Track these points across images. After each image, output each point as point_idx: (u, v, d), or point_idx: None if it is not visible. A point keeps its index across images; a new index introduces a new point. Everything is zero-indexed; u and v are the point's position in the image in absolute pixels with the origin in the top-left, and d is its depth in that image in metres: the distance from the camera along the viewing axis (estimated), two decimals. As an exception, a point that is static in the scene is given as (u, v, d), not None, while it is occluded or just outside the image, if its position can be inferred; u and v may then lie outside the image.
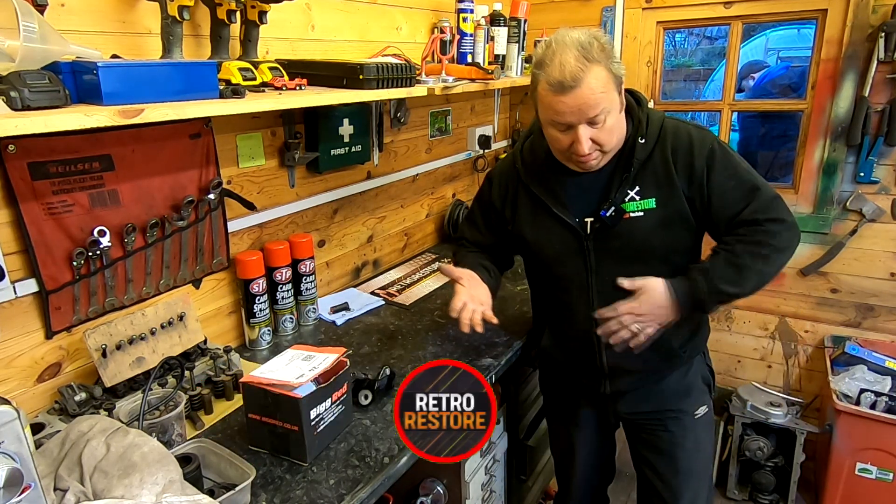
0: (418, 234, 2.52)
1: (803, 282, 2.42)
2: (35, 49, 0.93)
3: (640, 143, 1.31)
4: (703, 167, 1.28)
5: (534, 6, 2.49)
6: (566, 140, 1.26)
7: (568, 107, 1.19)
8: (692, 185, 1.29)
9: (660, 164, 1.31)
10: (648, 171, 1.31)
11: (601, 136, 1.24)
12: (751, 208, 1.27)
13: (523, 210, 1.46)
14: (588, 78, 1.16)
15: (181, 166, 1.45)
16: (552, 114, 1.23)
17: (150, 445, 1.02)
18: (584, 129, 1.22)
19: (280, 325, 1.76)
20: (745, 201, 1.28)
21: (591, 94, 1.17)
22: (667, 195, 1.30)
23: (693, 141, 1.30)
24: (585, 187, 1.36)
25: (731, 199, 1.28)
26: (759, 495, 2.34)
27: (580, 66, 1.15)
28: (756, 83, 3.77)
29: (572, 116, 1.20)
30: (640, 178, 1.32)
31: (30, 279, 1.22)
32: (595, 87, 1.17)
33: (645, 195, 1.31)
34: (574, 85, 1.16)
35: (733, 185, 1.28)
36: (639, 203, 1.31)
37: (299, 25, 1.73)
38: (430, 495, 1.71)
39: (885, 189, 2.20)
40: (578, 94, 1.17)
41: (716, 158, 1.28)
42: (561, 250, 1.40)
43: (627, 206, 1.31)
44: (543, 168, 1.42)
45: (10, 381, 1.23)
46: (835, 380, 2.18)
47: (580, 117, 1.20)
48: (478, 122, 2.75)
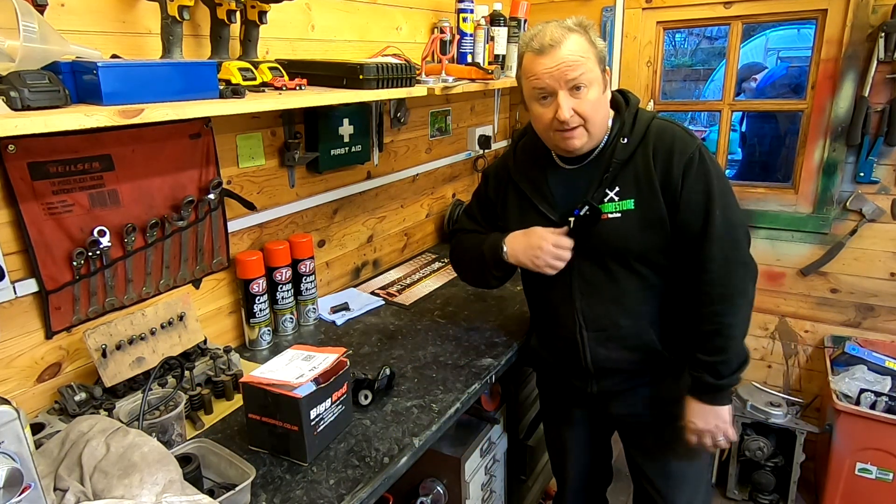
0: (418, 234, 2.52)
1: (803, 282, 2.42)
2: (35, 49, 0.93)
3: (623, 142, 1.31)
4: (680, 173, 1.27)
5: (534, 6, 2.50)
6: (549, 113, 1.26)
7: (547, 68, 1.22)
8: (667, 188, 1.28)
9: (641, 165, 1.30)
10: (629, 172, 1.31)
11: (584, 107, 1.24)
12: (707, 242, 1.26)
13: (511, 205, 1.49)
14: (567, 41, 1.22)
15: (181, 166, 1.45)
16: (534, 80, 1.25)
17: (150, 445, 1.02)
18: (564, 96, 1.23)
19: (280, 325, 1.76)
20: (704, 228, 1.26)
21: (570, 55, 1.21)
22: (646, 197, 1.30)
23: (675, 144, 1.28)
24: (571, 184, 1.38)
25: (693, 217, 1.27)
26: (759, 495, 2.34)
27: (561, 32, 1.22)
28: (759, 85, 3.74)
29: (552, 80, 1.23)
30: (620, 179, 1.31)
31: (30, 279, 1.22)
32: (574, 49, 1.22)
33: (624, 196, 1.31)
34: (553, 45, 1.21)
35: (700, 202, 1.26)
36: (617, 204, 1.31)
37: (299, 25, 1.73)
38: (430, 495, 1.71)
39: (885, 189, 2.20)
40: (557, 55, 1.21)
41: (693, 167, 1.26)
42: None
43: (605, 207, 1.32)
44: (534, 164, 1.44)
45: (10, 381, 1.23)
46: (835, 380, 2.18)
47: (560, 80, 1.22)
48: (478, 122, 2.75)
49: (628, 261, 1.34)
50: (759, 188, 2.47)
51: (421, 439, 1.29)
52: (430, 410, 1.39)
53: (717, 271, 1.27)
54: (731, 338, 1.28)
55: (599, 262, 1.36)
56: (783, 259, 2.44)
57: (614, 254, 1.34)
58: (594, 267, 1.37)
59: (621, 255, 1.34)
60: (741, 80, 3.88)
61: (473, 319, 1.86)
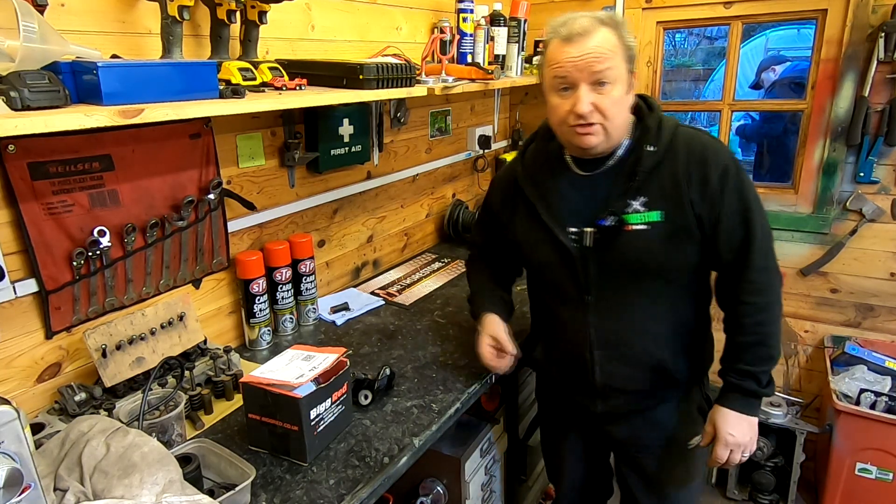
0: (418, 234, 2.52)
1: (803, 282, 2.42)
2: (35, 49, 0.93)
3: (649, 150, 1.23)
4: (718, 185, 1.21)
5: (534, 6, 2.50)
6: (566, 104, 1.19)
7: (573, 57, 1.15)
8: (704, 200, 1.22)
9: (668, 176, 1.23)
10: (655, 182, 1.23)
11: (604, 103, 1.17)
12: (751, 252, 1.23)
13: (519, 215, 1.41)
14: (597, 33, 1.15)
15: (181, 166, 1.45)
16: (556, 68, 1.18)
17: (150, 445, 1.02)
18: (585, 90, 1.17)
19: (280, 325, 1.76)
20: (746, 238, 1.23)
21: (598, 48, 1.15)
22: (674, 209, 1.22)
23: (708, 154, 1.23)
24: (589, 191, 1.29)
25: (736, 228, 1.23)
26: (759, 495, 2.34)
27: (592, 23, 1.16)
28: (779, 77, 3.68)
29: (575, 70, 1.16)
30: (646, 189, 1.23)
31: (30, 279, 1.22)
32: (602, 43, 1.15)
33: (651, 207, 1.23)
34: (583, 34, 1.15)
35: (740, 212, 1.23)
36: (643, 215, 1.23)
37: (299, 25, 1.73)
38: (430, 495, 1.71)
39: (885, 189, 2.20)
40: (585, 45, 1.15)
41: (730, 177, 1.22)
42: (553, 259, 1.33)
43: (630, 218, 1.23)
44: (542, 170, 1.37)
45: (10, 381, 1.23)
46: (835, 380, 2.18)
47: (583, 74, 1.16)
48: (478, 122, 2.75)
49: (648, 276, 1.28)
50: (760, 188, 2.46)
51: (421, 439, 1.29)
52: (430, 410, 1.39)
53: (758, 281, 1.24)
54: (774, 346, 1.26)
55: (617, 277, 1.28)
56: (783, 259, 2.40)
57: (635, 268, 1.27)
58: (611, 282, 1.29)
59: (643, 269, 1.27)
60: (760, 69, 3.85)
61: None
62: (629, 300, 1.30)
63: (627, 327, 1.32)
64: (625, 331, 1.32)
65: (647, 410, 1.41)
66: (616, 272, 1.28)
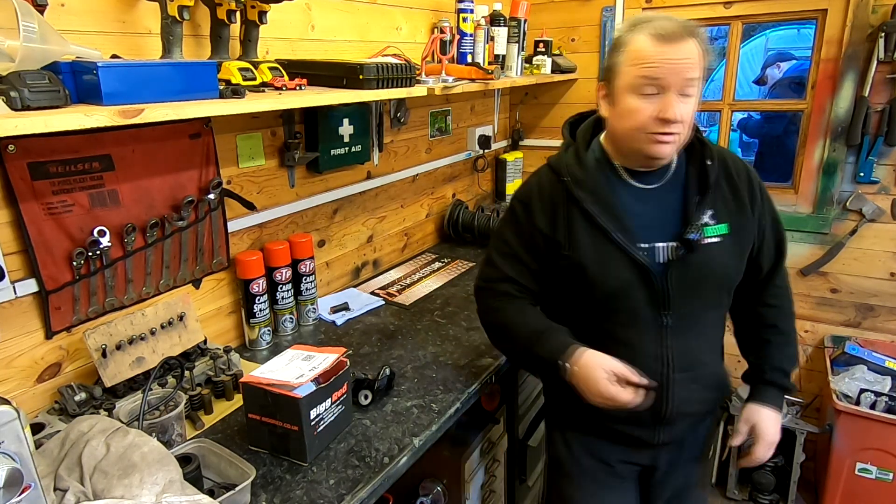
0: (418, 234, 2.52)
1: (803, 282, 2.42)
2: (35, 49, 0.93)
3: (709, 164, 1.23)
4: (759, 195, 1.28)
5: (534, 6, 2.50)
6: (649, 109, 1.10)
7: (669, 60, 1.07)
8: (754, 211, 1.26)
9: (726, 188, 1.24)
10: (719, 195, 1.23)
11: (685, 113, 1.11)
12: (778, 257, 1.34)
13: (580, 233, 1.21)
14: (692, 40, 1.09)
15: (181, 166, 1.45)
16: (646, 67, 1.09)
17: (150, 445, 1.02)
18: (675, 96, 1.09)
19: (280, 325, 1.76)
20: (780, 245, 1.33)
21: (692, 54, 1.09)
22: (739, 220, 1.24)
23: (744, 165, 1.29)
24: (654, 205, 1.22)
25: (775, 237, 1.32)
26: (759, 495, 2.34)
27: (685, 28, 1.09)
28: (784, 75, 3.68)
29: (671, 74, 1.08)
30: (713, 202, 1.22)
31: (30, 279, 1.22)
32: (695, 51, 1.09)
33: (719, 220, 1.22)
34: (682, 36, 1.07)
35: (774, 221, 1.32)
36: (715, 228, 1.21)
37: (299, 25, 1.73)
38: (430, 495, 1.71)
39: (885, 189, 2.20)
40: (683, 48, 1.07)
41: (763, 188, 1.29)
42: (627, 282, 1.19)
43: (707, 231, 1.20)
44: (597, 181, 1.22)
45: (10, 381, 1.23)
46: (835, 380, 2.18)
47: (676, 78, 1.08)
48: (478, 122, 2.75)
49: (720, 289, 1.26)
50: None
51: (421, 439, 1.29)
52: (430, 410, 1.39)
53: (785, 286, 1.37)
54: (796, 344, 1.38)
55: (694, 294, 1.21)
56: (783, 259, 2.44)
57: (712, 283, 1.23)
58: (687, 299, 1.21)
59: (719, 283, 1.24)
60: (766, 65, 3.85)
61: (473, 319, 1.86)
62: (702, 317, 1.26)
63: (700, 346, 1.26)
64: (700, 350, 1.26)
65: (696, 430, 1.37)
66: (692, 288, 1.21)
